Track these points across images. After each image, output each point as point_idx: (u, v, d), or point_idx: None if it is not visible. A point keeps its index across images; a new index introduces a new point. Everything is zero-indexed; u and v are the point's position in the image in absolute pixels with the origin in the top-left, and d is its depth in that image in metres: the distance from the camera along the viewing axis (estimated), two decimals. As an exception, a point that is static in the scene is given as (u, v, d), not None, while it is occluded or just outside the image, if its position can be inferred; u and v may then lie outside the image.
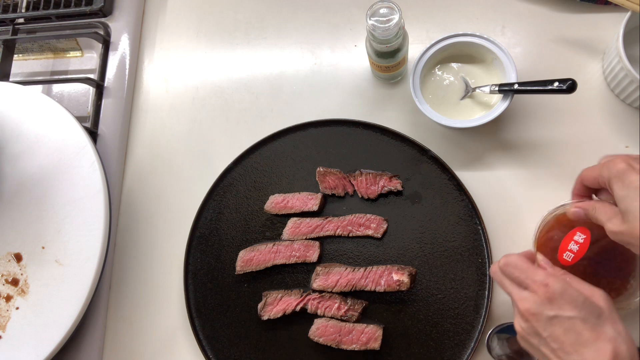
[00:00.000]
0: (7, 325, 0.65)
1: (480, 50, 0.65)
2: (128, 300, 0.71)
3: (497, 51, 0.63)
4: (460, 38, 0.65)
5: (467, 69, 0.67)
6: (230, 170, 0.70)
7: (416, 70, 0.65)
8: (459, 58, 0.68)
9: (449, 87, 0.67)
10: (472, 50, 0.66)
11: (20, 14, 0.85)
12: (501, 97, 0.63)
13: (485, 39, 0.64)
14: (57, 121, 0.70)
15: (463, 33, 0.64)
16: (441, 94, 0.67)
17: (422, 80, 0.66)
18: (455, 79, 0.67)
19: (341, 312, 0.62)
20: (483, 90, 0.64)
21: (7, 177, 0.70)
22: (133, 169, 0.76)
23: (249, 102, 0.76)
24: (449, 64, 0.68)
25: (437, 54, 0.66)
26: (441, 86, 0.67)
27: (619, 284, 0.54)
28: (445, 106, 0.67)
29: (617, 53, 0.59)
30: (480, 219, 0.62)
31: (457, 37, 0.65)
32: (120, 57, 0.81)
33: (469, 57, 0.67)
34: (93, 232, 0.65)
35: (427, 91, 0.67)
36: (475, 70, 0.67)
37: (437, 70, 0.68)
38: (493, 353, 0.58)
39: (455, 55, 0.68)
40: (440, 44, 0.65)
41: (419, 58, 0.65)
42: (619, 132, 0.64)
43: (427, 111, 0.64)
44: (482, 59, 0.67)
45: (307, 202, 0.66)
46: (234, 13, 0.80)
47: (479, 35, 0.64)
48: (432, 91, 0.67)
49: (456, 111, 0.66)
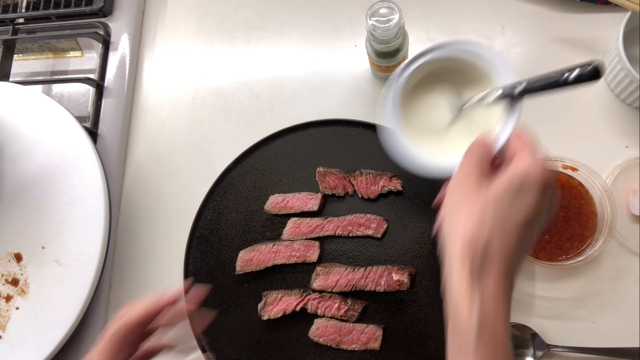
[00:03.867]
0: (7, 325, 0.65)
1: (466, 65, 0.53)
2: (128, 300, 0.71)
3: (485, 61, 0.51)
4: (435, 54, 0.52)
5: (457, 88, 0.56)
6: (230, 170, 0.70)
7: (391, 100, 0.53)
8: (445, 75, 0.56)
9: (434, 111, 0.56)
10: (458, 67, 0.54)
11: (20, 14, 0.85)
12: (502, 112, 0.51)
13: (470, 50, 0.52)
14: (57, 121, 0.70)
15: (439, 45, 0.53)
16: (427, 121, 0.56)
17: (401, 107, 0.55)
18: (442, 99, 0.57)
19: (341, 312, 0.62)
20: (477, 103, 0.52)
21: (7, 177, 0.70)
22: (133, 169, 0.76)
23: (249, 102, 0.76)
24: (432, 84, 0.57)
25: (416, 73, 0.55)
26: (425, 111, 0.56)
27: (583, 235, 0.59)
28: (433, 137, 0.55)
29: (617, 53, 0.59)
30: (480, 219, 0.62)
31: (432, 52, 0.53)
32: (120, 57, 0.81)
33: (459, 74, 0.55)
34: (93, 232, 0.65)
35: (407, 120, 0.55)
36: (467, 89, 0.55)
37: (418, 93, 0.57)
38: (493, 353, 0.58)
39: (439, 73, 0.56)
40: (416, 64, 0.53)
41: (394, 82, 0.53)
42: (619, 132, 0.64)
43: (412, 157, 0.52)
44: (473, 76, 0.54)
45: (307, 202, 0.66)
46: (234, 13, 0.80)
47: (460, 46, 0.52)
48: (415, 119, 0.56)
49: (447, 142, 0.55)
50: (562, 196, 0.60)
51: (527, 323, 0.59)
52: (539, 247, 0.59)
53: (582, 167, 0.59)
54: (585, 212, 0.60)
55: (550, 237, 0.59)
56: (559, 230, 0.59)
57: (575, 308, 0.59)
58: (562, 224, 0.60)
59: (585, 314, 0.59)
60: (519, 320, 0.59)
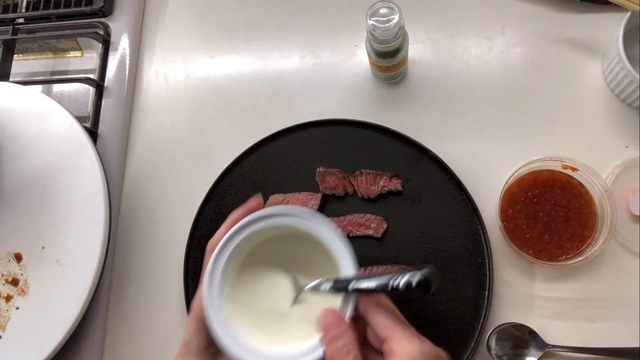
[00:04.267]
0: (7, 325, 0.65)
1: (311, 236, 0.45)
2: (128, 300, 0.71)
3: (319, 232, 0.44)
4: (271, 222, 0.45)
5: (302, 260, 0.48)
6: (230, 170, 0.70)
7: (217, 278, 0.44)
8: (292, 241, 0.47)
9: (273, 292, 0.47)
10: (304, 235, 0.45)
11: (20, 14, 0.85)
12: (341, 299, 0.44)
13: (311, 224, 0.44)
14: (57, 121, 0.70)
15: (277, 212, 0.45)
16: (265, 307, 0.47)
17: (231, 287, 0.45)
18: (282, 274, 0.48)
19: (341, 312, 0.62)
20: (316, 289, 0.45)
21: (7, 177, 0.70)
22: (133, 169, 0.76)
23: (249, 102, 0.76)
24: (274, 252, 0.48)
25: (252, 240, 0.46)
26: (263, 292, 0.47)
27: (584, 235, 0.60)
28: (273, 326, 0.46)
29: (617, 53, 0.59)
30: (480, 219, 0.62)
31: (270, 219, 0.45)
32: (120, 57, 0.81)
33: (306, 242, 0.46)
34: (93, 232, 0.65)
35: (238, 305, 0.46)
36: (315, 257, 0.47)
37: (255, 263, 0.48)
38: (493, 353, 0.58)
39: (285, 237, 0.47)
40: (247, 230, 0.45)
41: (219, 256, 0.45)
42: (619, 132, 0.64)
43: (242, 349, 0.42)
44: (319, 249, 0.45)
45: (307, 202, 0.66)
46: (234, 13, 0.80)
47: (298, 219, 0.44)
48: (249, 303, 0.46)
49: (287, 330, 0.46)
50: (562, 196, 0.60)
51: (527, 323, 0.59)
52: (539, 247, 0.59)
53: (582, 167, 0.59)
54: (585, 212, 0.60)
55: (550, 237, 0.59)
56: (559, 230, 0.59)
57: (575, 308, 0.59)
58: (562, 224, 0.60)
59: (585, 314, 0.59)
60: (519, 320, 0.59)
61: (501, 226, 0.60)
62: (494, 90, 0.68)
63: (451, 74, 0.70)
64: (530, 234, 0.60)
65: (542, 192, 0.61)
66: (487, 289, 0.60)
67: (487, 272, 0.60)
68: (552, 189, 0.61)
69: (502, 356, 0.58)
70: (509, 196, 0.61)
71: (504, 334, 0.59)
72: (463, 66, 0.70)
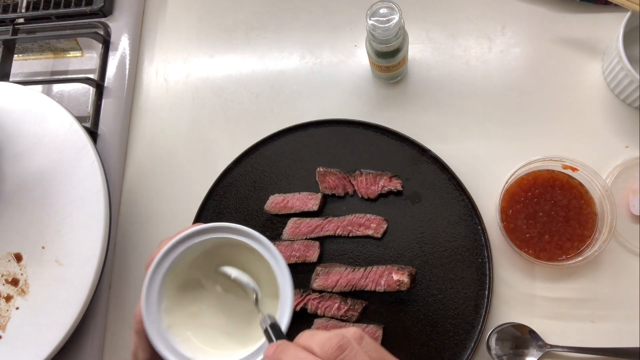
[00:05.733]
0: (7, 325, 0.65)
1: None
2: (128, 300, 0.71)
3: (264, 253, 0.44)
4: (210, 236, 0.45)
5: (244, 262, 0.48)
6: (230, 170, 0.70)
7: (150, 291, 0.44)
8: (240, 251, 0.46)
9: (215, 302, 0.48)
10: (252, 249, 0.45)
11: (20, 14, 0.85)
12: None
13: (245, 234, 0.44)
14: (57, 121, 0.70)
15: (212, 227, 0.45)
16: (206, 318, 0.48)
17: (169, 299, 0.45)
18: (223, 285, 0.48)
19: (341, 312, 0.62)
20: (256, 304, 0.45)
21: (7, 177, 0.70)
22: (133, 169, 0.76)
23: (249, 102, 0.76)
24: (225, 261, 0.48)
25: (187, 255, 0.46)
26: (205, 302, 0.48)
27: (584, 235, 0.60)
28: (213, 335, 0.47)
29: (617, 53, 0.59)
30: (480, 219, 0.62)
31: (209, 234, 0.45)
32: (120, 57, 0.81)
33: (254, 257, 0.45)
34: (93, 232, 0.65)
35: (178, 316, 0.46)
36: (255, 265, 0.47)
37: (198, 275, 0.48)
38: (493, 353, 0.58)
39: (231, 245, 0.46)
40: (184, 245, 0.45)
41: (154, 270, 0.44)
42: (619, 132, 0.64)
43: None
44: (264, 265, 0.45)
45: (307, 202, 0.66)
46: (234, 13, 0.80)
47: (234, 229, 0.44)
48: (189, 313, 0.47)
49: (227, 339, 0.47)
50: (562, 196, 0.60)
51: (527, 323, 0.59)
52: (539, 247, 0.59)
53: (582, 167, 0.59)
54: (585, 212, 0.60)
55: (550, 237, 0.59)
56: (559, 230, 0.59)
57: (575, 308, 0.59)
58: (562, 224, 0.60)
59: (585, 314, 0.59)
60: (519, 320, 0.59)
61: (501, 226, 0.60)
62: (494, 90, 0.68)
63: (451, 74, 0.70)
64: (530, 234, 0.60)
65: (542, 192, 0.61)
66: (487, 289, 0.60)
67: (487, 272, 0.60)
68: (552, 189, 0.61)
69: (502, 356, 0.58)
70: (509, 196, 0.61)
71: (504, 334, 0.59)
72: (463, 66, 0.70)
